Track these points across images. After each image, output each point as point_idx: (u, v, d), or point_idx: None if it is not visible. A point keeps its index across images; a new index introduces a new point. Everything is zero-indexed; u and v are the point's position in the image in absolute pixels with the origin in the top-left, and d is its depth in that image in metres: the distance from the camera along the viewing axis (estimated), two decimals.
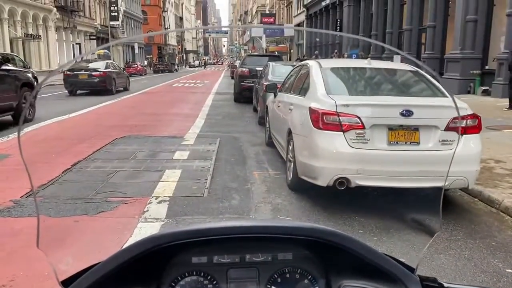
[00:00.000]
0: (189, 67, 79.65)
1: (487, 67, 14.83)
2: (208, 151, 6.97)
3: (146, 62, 58.70)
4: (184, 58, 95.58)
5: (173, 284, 0.91)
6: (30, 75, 10.41)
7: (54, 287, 0.80)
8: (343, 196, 4.32)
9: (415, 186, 4.08)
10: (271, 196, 4.75)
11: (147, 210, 4.20)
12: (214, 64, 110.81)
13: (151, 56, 63.82)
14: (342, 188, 4.06)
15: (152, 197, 4.60)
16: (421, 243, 3.39)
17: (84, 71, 17.38)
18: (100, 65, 18.15)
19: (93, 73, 17.40)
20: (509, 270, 3.11)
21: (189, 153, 6.80)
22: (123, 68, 24.32)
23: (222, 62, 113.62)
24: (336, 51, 27.83)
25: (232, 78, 24.70)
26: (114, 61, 24.61)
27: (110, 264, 0.83)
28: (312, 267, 0.94)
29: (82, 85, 17.51)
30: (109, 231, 3.75)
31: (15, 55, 20.51)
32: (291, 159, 4.89)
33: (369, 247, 0.87)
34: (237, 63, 23.67)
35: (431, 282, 0.87)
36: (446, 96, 4.44)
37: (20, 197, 4.47)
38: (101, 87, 17.35)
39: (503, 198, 4.32)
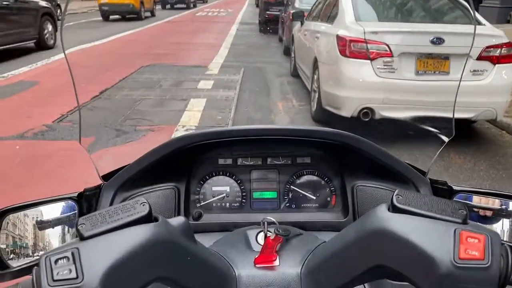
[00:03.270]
0: None
1: None
2: (232, 81, 6.96)
3: None
4: None
5: (202, 182, 0.99)
6: (49, 5, 10.23)
7: None
8: (367, 129, 4.31)
9: (441, 117, 4.04)
10: None
11: None
12: None
13: None
14: (367, 119, 4.04)
15: (179, 125, 4.71)
16: (433, 149, 3.44)
17: None
18: None
19: None
20: None
21: (213, 82, 6.81)
22: None
23: None
24: None
25: (257, 6, 23.83)
26: None
27: (145, 160, 0.91)
28: (329, 169, 1.00)
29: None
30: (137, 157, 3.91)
31: None
32: (315, 89, 4.85)
33: (383, 150, 0.91)
34: None
35: (441, 185, 0.91)
36: (482, 24, 4.23)
37: (52, 121, 4.66)
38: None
39: None
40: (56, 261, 0.47)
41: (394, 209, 0.54)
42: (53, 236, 0.93)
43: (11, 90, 6.03)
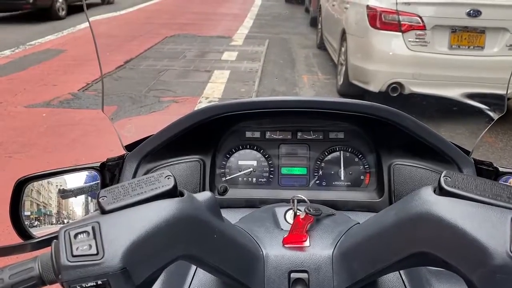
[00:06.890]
0: None
1: None
2: (256, 53, 6.85)
3: None
4: None
5: (228, 156, 0.96)
6: None
7: None
8: (398, 103, 4.20)
9: (474, 92, 3.88)
10: None
11: None
12: None
13: None
14: (395, 95, 3.93)
15: (202, 97, 4.68)
16: (479, 128, 3.33)
17: None
18: None
19: None
20: None
21: (238, 54, 6.72)
22: None
23: None
24: None
25: None
26: None
27: (169, 131, 0.87)
28: (363, 145, 0.94)
29: None
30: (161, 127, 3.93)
31: None
32: (343, 62, 4.72)
33: (425, 126, 0.85)
34: None
35: (486, 166, 0.85)
36: None
37: (78, 90, 4.70)
38: None
39: None
40: (75, 236, 0.44)
41: (441, 191, 0.49)
42: (77, 205, 0.92)
43: (38, 58, 6.10)
